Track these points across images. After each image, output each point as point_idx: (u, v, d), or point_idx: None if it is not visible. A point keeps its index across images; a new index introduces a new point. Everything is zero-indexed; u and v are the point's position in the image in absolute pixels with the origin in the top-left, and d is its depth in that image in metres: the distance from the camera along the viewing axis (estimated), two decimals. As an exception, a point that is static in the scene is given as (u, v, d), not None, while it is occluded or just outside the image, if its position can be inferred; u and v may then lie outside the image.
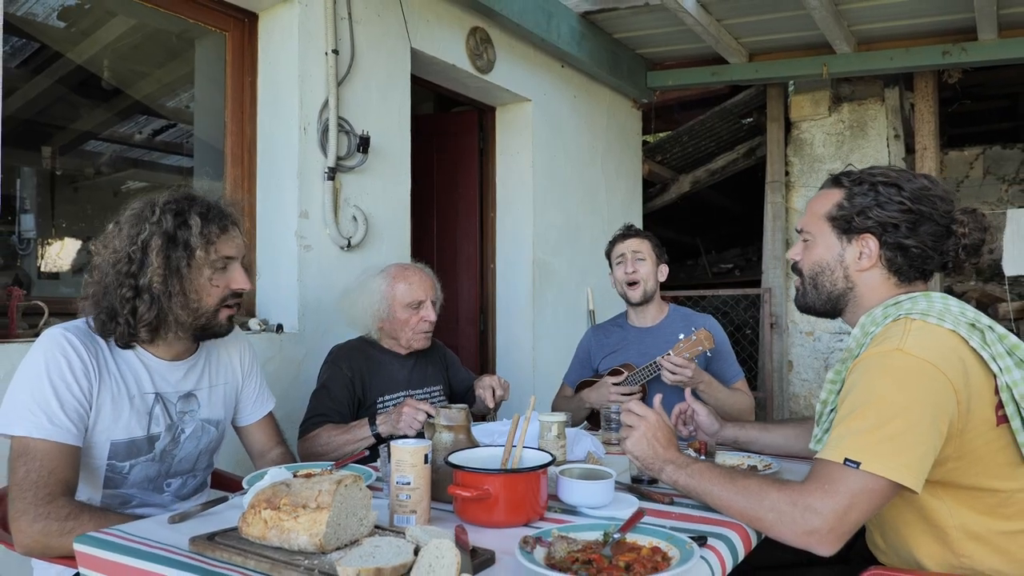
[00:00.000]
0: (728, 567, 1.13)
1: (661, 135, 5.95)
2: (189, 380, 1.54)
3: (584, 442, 1.72)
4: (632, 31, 4.22)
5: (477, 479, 1.21)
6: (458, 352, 2.50)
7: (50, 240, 3.35)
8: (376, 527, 1.16)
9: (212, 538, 1.12)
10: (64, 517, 1.26)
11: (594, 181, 4.42)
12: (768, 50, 4.40)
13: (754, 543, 1.23)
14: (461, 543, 1.05)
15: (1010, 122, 7.03)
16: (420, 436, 1.77)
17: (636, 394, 2.21)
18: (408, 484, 1.22)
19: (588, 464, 1.47)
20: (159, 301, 1.38)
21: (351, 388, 2.04)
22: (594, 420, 2.36)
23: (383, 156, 2.89)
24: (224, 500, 1.35)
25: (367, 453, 1.75)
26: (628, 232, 2.45)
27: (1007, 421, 1.20)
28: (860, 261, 1.34)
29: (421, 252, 3.65)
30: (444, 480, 1.29)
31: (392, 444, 1.25)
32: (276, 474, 1.33)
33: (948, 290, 5.83)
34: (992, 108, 6.98)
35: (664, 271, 2.43)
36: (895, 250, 1.31)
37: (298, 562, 1.03)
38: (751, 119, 5.56)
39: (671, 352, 2.12)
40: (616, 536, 1.09)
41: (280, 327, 2.53)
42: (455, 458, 1.30)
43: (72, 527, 1.25)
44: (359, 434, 1.85)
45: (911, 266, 1.32)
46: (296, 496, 1.09)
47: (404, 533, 1.11)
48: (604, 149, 4.51)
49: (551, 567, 0.99)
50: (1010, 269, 4.51)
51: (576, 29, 3.93)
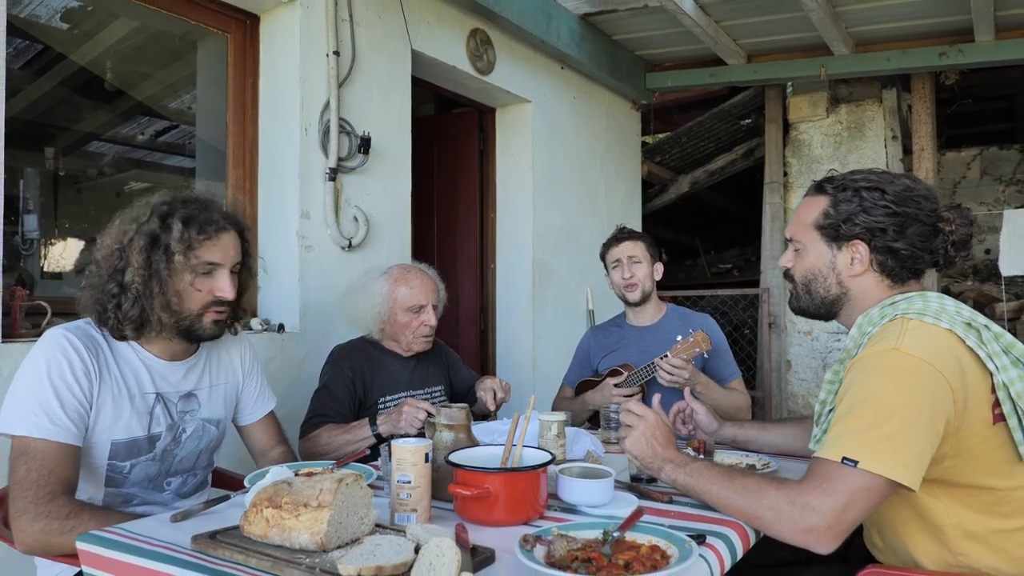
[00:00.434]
0: (727, 565, 1.13)
1: (660, 136, 5.95)
2: (190, 380, 1.54)
3: (583, 441, 1.73)
4: (631, 33, 4.22)
5: (477, 478, 1.22)
6: (458, 352, 2.50)
7: (53, 240, 3.36)
8: (377, 525, 1.16)
9: (214, 536, 1.12)
10: (65, 516, 1.26)
11: (594, 182, 4.43)
12: (766, 52, 4.41)
13: (752, 541, 1.23)
14: (461, 541, 1.06)
15: (1007, 123, 7.04)
16: (421, 435, 1.78)
17: (636, 394, 2.22)
18: (409, 483, 1.22)
19: (587, 463, 1.47)
20: (141, 300, 1.38)
21: (352, 388, 2.05)
22: (594, 420, 2.37)
23: (384, 157, 2.89)
24: (226, 499, 1.35)
25: (368, 452, 1.76)
26: (621, 235, 2.44)
27: (1004, 419, 1.20)
28: (852, 267, 1.35)
29: (421, 252, 3.65)
30: (444, 479, 1.29)
31: (393, 443, 1.25)
32: (278, 473, 1.33)
33: (945, 290, 5.84)
34: (989, 109, 6.99)
35: (659, 269, 2.43)
36: (885, 253, 1.32)
37: (299, 560, 1.03)
38: (749, 120, 5.56)
39: (668, 354, 2.13)
40: (615, 534, 1.10)
41: (281, 327, 2.53)
42: (455, 457, 1.30)
43: (73, 526, 1.25)
44: (360, 434, 1.85)
45: (903, 267, 1.33)
46: (297, 495, 1.09)
47: (405, 531, 1.11)
48: (604, 150, 4.52)
49: (551, 565, 0.99)
50: (1007, 269, 4.51)
51: (576, 31, 3.94)
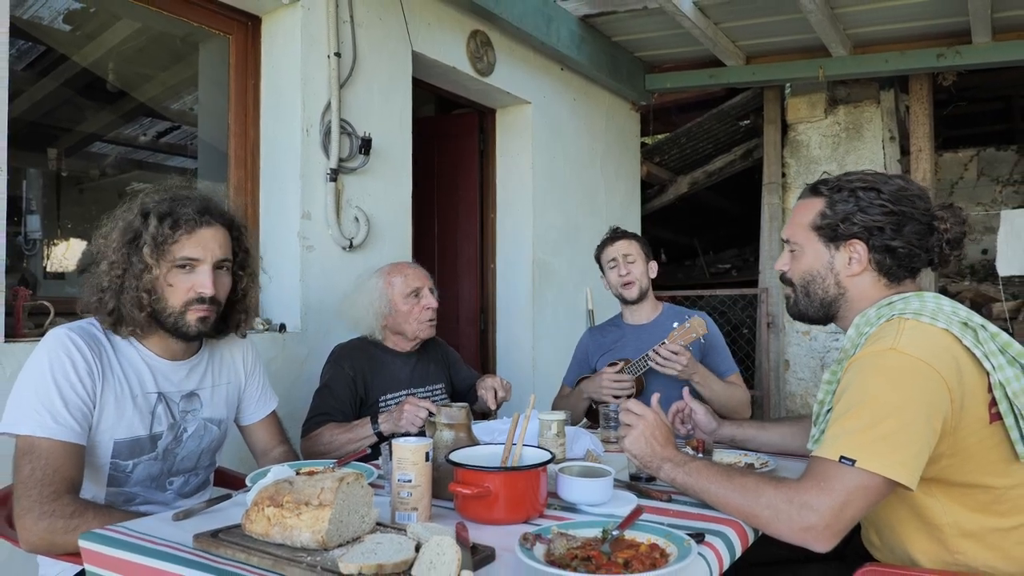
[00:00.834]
0: (725, 563, 1.14)
1: (659, 137, 5.96)
2: (192, 380, 1.54)
3: (583, 440, 1.73)
4: (631, 34, 4.23)
5: (478, 477, 1.22)
6: (459, 351, 2.51)
7: (56, 241, 3.37)
8: (378, 524, 1.16)
9: (216, 535, 1.13)
10: (69, 515, 1.26)
11: (593, 182, 4.43)
12: (765, 53, 4.42)
13: (751, 540, 1.24)
14: (462, 540, 1.06)
15: (1004, 124, 7.06)
16: (421, 434, 1.79)
17: (629, 383, 2.22)
18: (409, 482, 1.22)
19: (587, 462, 1.47)
20: (116, 295, 1.39)
21: (353, 387, 2.06)
22: (593, 417, 2.37)
23: (385, 158, 2.90)
24: (228, 497, 1.36)
25: (369, 451, 1.76)
26: (615, 235, 2.45)
27: (1000, 418, 1.21)
28: (851, 266, 1.35)
29: (422, 253, 3.66)
30: (445, 478, 1.30)
31: (394, 442, 1.25)
32: (279, 472, 1.34)
33: (943, 290, 5.85)
34: (986, 110, 7.01)
35: (654, 268, 2.44)
36: (883, 252, 1.33)
37: (301, 559, 1.04)
38: (748, 121, 5.57)
39: (666, 341, 2.13)
40: (615, 533, 1.10)
41: (283, 327, 2.54)
42: (456, 456, 1.30)
43: (77, 524, 1.25)
44: (361, 433, 1.86)
45: (899, 266, 1.34)
46: (299, 493, 1.10)
47: (405, 530, 1.12)
48: (603, 151, 4.52)
49: (551, 564, 1.00)
50: (1004, 269, 4.53)
51: (575, 32, 3.95)
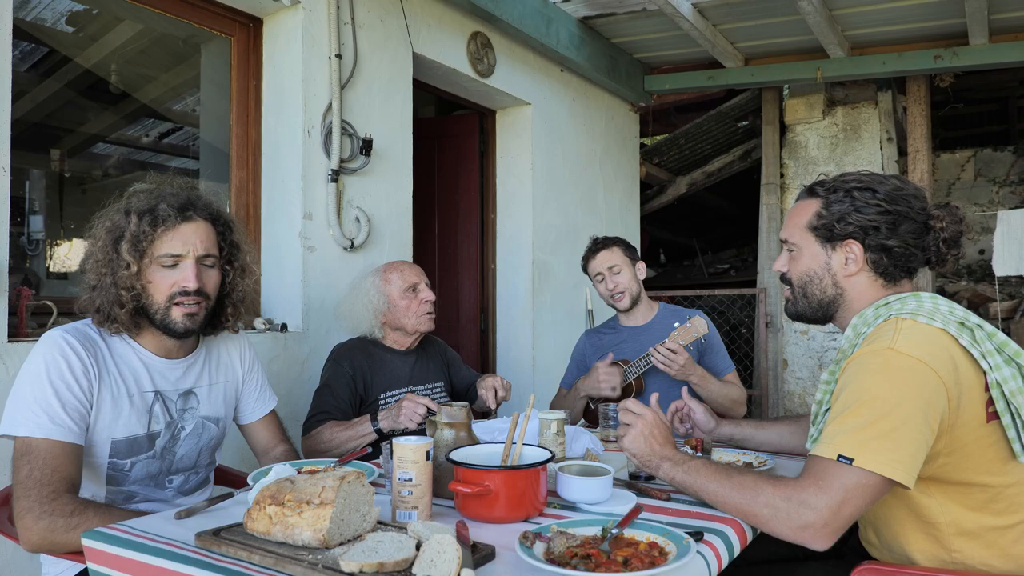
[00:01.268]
0: (724, 562, 1.14)
1: (658, 138, 5.97)
2: (188, 378, 1.55)
3: (582, 439, 1.74)
4: (630, 36, 4.24)
5: (478, 475, 1.22)
6: (459, 351, 2.52)
7: (58, 241, 3.37)
8: (379, 523, 1.17)
9: (217, 533, 1.13)
10: (69, 513, 1.27)
11: (592, 183, 4.44)
12: (763, 55, 4.43)
13: (749, 538, 1.24)
14: (462, 538, 1.06)
15: (1000, 125, 7.09)
16: (421, 430, 1.80)
17: (618, 372, 2.22)
18: (410, 480, 1.22)
19: (586, 461, 1.48)
20: (99, 291, 1.40)
21: (353, 385, 2.07)
22: (590, 418, 2.38)
23: (385, 158, 2.91)
24: (229, 496, 1.36)
25: (370, 450, 1.77)
26: (596, 246, 2.40)
27: (997, 417, 1.21)
28: (847, 267, 1.36)
29: (423, 253, 3.68)
30: (445, 476, 1.30)
31: (394, 441, 1.26)
32: (280, 470, 1.35)
33: (940, 290, 5.86)
34: (983, 111, 7.04)
35: (642, 268, 2.42)
36: (879, 252, 1.33)
37: (302, 557, 1.04)
38: (746, 122, 5.58)
39: (667, 340, 2.14)
40: (614, 531, 1.11)
41: (284, 326, 2.55)
42: (456, 455, 1.31)
43: (77, 523, 1.26)
44: (361, 430, 1.87)
45: (896, 266, 1.34)
46: (300, 492, 1.10)
47: (406, 528, 1.12)
48: (602, 151, 4.53)
49: (550, 562, 1.00)
50: (1000, 269, 4.54)
51: (575, 34, 3.95)
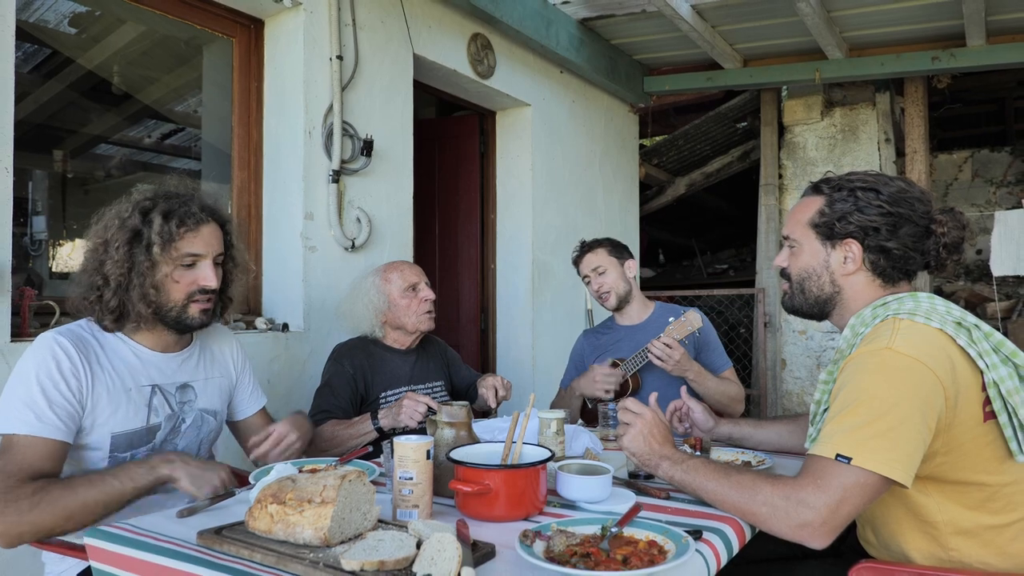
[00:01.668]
0: (723, 560, 1.15)
1: (658, 139, 5.98)
2: (184, 372, 1.56)
3: (582, 438, 1.74)
4: (629, 37, 4.24)
5: (478, 474, 1.23)
6: (459, 350, 2.53)
7: (61, 241, 3.38)
8: (379, 521, 1.17)
9: (219, 532, 1.13)
10: (31, 494, 1.25)
11: (592, 183, 4.45)
12: (762, 56, 4.44)
13: (748, 537, 1.24)
14: (462, 537, 1.07)
15: (998, 126, 7.11)
16: (421, 428, 1.81)
17: (617, 376, 2.23)
18: (411, 479, 1.22)
19: (586, 460, 1.49)
20: (120, 292, 1.42)
21: (353, 384, 2.08)
22: (589, 416, 2.39)
23: (386, 159, 2.91)
24: (231, 495, 1.36)
25: (371, 449, 1.78)
26: (582, 250, 2.43)
27: (994, 417, 1.21)
28: (845, 265, 1.36)
29: (423, 253, 3.68)
30: (446, 475, 1.31)
31: (395, 440, 1.26)
32: (282, 469, 1.36)
33: (937, 290, 5.87)
34: (980, 112, 7.06)
35: (632, 266, 2.42)
36: (878, 253, 1.33)
37: (303, 555, 1.04)
38: (745, 123, 5.59)
39: (662, 335, 2.14)
40: (614, 530, 1.11)
41: (285, 326, 2.55)
42: (456, 454, 1.31)
43: (40, 499, 1.25)
44: (362, 428, 1.88)
45: (894, 267, 1.34)
46: (301, 491, 1.10)
47: (407, 527, 1.13)
48: (602, 152, 4.54)
49: (550, 560, 1.01)
50: (998, 269, 4.56)
51: (575, 35, 3.96)
